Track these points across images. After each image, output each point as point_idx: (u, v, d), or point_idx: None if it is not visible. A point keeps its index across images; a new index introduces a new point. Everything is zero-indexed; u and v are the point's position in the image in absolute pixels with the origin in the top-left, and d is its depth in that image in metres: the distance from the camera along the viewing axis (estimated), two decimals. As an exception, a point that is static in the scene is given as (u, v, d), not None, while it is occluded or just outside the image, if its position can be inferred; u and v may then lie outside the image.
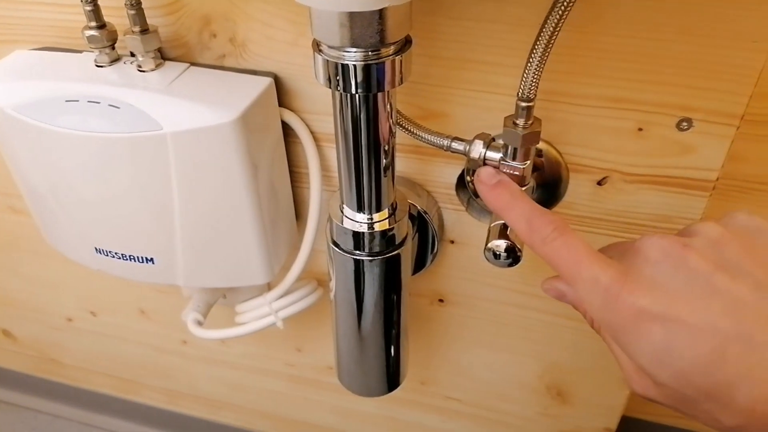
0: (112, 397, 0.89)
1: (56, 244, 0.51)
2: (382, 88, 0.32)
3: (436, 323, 0.58)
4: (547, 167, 0.43)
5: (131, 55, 0.43)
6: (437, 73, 0.41)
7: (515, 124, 0.36)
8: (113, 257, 0.47)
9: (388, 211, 0.39)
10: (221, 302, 0.58)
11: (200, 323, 0.54)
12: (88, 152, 0.41)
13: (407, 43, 0.32)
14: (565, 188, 0.43)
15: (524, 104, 0.35)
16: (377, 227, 0.39)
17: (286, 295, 0.52)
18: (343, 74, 0.31)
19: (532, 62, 0.33)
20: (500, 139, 0.37)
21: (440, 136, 0.39)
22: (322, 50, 0.31)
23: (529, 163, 0.37)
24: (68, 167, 0.43)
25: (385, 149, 0.36)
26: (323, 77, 0.32)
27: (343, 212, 0.39)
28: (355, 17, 0.28)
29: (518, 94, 0.34)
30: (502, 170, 0.38)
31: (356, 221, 0.39)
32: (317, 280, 0.56)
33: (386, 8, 0.28)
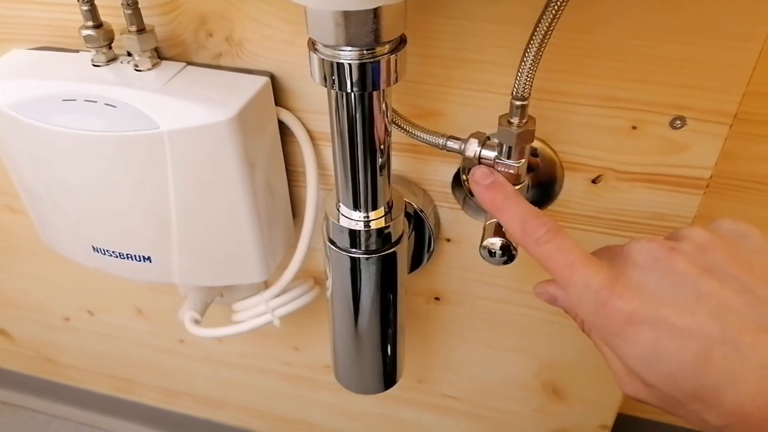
0: (109, 396, 0.89)
1: (53, 243, 0.51)
2: (377, 86, 0.32)
3: (432, 321, 0.58)
4: (541, 166, 0.43)
5: (128, 54, 0.43)
6: (432, 72, 0.41)
7: (510, 122, 0.36)
8: (110, 256, 0.47)
9: (384, 209, 0.39)
10: (218, 301, 0.58)
11: (197, 322, 0.54)
12: (85, 151, 0.41)
13: (402, 42, 0.32)
14: (559, 186, 0.44)
15: (518, 103, 0.35)
16: (373, 225, 0.39)
17: (283, 293, 0.52)
18: (338, 73, 0.31)
19: (526, 61, 0.33)
20: (495, 137, 0.37)
21: (436, 134, 0.39)
22: (317, 49, 0.31)
23: (523, 161, 0.37)
24: (65, 166, 0.43)
25: (380, 148, 0.36)
26: (319, 76, 0.32)
27: (339, 210, 0.39)
28: (350, 16, 0.28)
29: (513, 92, 0.35)
30: (497, 168, 0.38)
31: (352, 219, 0.39)
32: (314, 278, 0.56)
33: (381, 7, 0.28)
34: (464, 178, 0.45)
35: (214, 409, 0.83)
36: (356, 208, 0.39)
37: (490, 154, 0.38)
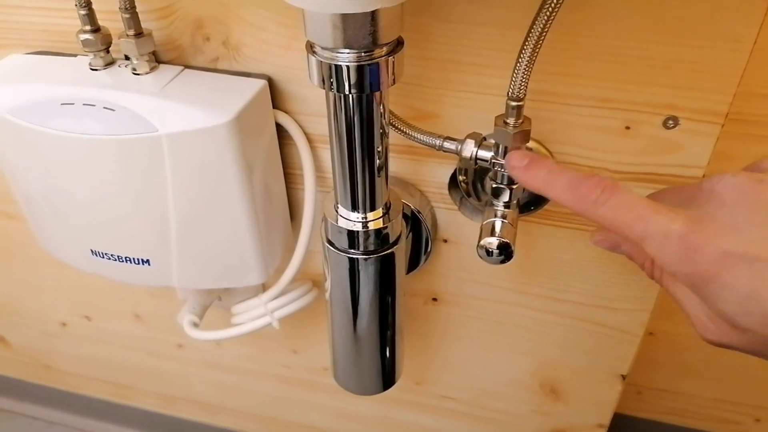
0: (107, 402, 0.89)
1: (51, 247, 0.51)
2: (375, 88, 0.32)
3: (430, 322, 0.58)
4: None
5: (126, 58, 0.43)
6: (429, 74, 0.41)
7: (506, 123, 0.36)
8: (109, 259, 0.48)
9: (382, 210, 0.39)
10: (216, 304, 0.58)
11: (196, 325, 0.55)
12: (83, 154, 0.42)
13: (399, 44, 0.32)
14: (555, 186, 0.44)
15: (514, 104, 0.35)
16: (371, 226, 0.39)
17: (281, 295, 0.53)
18: (336, 75, 0.31)
19: (521, 63, 0.34)
20: (491, 138, 0.38)
21: (432, 135, 0.40)
22: (315, 52, 0.31)
23: (519, 161, 0.38)
24: (64, 170, 0.43)
25: (378, 149, 0.36)
26: (317, 78, 0.32)
27: (337, 211, 0.40)
28: (347, 19, 0.29)
29: (508, 94, 0.35)
30: (493, 169, 0.38)
31: (351, 220, 0.39)
32: (312, 280, 0.56)
33: (378, 10, 0.29)
34: (461, 179, 0.46)
35: (213, 413, 0.83)
36: (354, 209, 0.39)
37: (486, 154, 0.38)
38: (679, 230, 0.27)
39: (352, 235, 0.39)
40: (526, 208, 0.46)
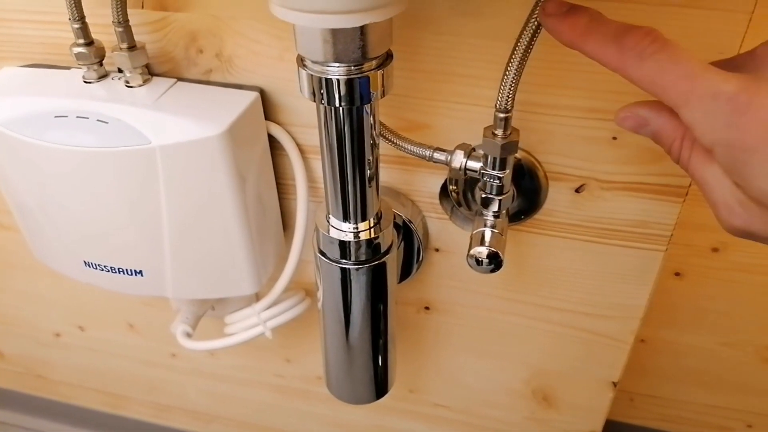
0: (101, 412, 0.89)
1: (45, 258, 0.52)
2: (365, 101, 0.33)
3: (422, 331, 0.59)
4: (526, 176, 0.44)
5: (119, 71, 0.44)
6: (419, 85, 0.42)
7: (494, 134, 0.37)
8: (102, 270, 0.48)
9: (373, 220, 0.40)
10: (210, 314, 0.59)
11: (189, 335, 0.55)
12: (77, 167, 0.42)
13: (388, 57, 0.33)
14: (544, 196, 0.45)
15: (502, 115, 0.36)
16: (363, 236, 0.39)
17: (274, 305, 0.53)
18: (327, 88, 0.32)
19: (508, 74, 0.34)
20: (480, 149, 0.38)
21: (423, 146, 0.40)
22: (306, 65, 0.32)
23: (508, 171, 0.38)
24: (57, 182, 0.43)
25: (369, 160, 0.37)
26: (308, 91, 0.33)
27: (329, 222, 0.40)
28: (337, 34, 0.29)
29: (496, 105, 0.36)
30: (483, 179, 0.39)
31: (342, 231, 0.40)
32: (305, 290, 0.57)
33: (367, 25, 0.29)
34: (451, 188, 0.46)
35: (206, 423, 0.83)
36: (346, 219, 0.39)
37: (475, 165, 0.39)
38: (730, 90, 0.25)
39: (343, 245, 0.40)
40: (516, 217, 0.46)
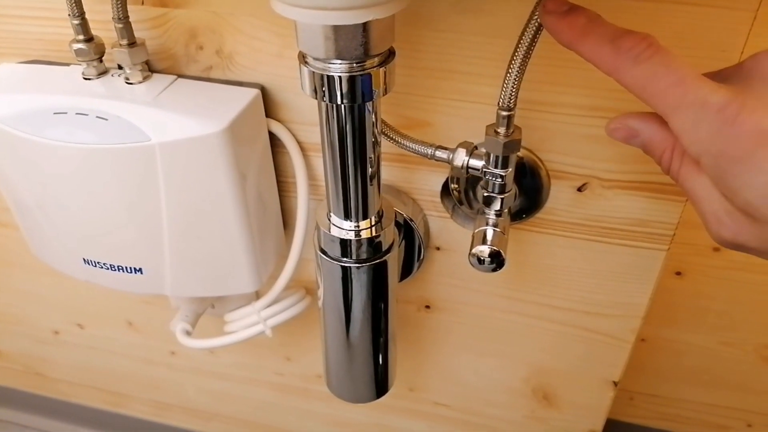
0: (100, 410, 0.88)
1: (44, 256, 0.51)
2: (367, 98, 0.32)
3: (423, 329, 0.58)
4: (528, 174, 0.44)
5: (119, 67, 0.43)
6: (421, 83, 0.42)
7: (497, 132, 0.37)
8: (102, 268, 0.48)
9: (374, 218, 0.40)
10: (210, 312, 0.58)
11: (189, 333, 0.55)
12: (76, 164, 0.42)
13: (391, 54, 0.33)
14: (546, 195, 0.45)
15: (505, 113, 0.36)
16: (364, 234, 0.39)
17: (274, 303, 0.53)
18: (328, 85, 0.32)
19: (511, 72, 0.34)
20: (482, 147, 0.38)
21: (424, 144, 0.40)
22: (308, 62, 0.32)
23: (510, 170, 0.38)
24: (56, 179, 0.43)
25: (370, 158, 0.36)
26: (309, 88, 0.32)
27: (330, 220, 0.40)
28: (339, 30, 0.29)
29: (499, 103, 0.35)
30: (485, 178, 0.39)
31: (343, 229, 0.39)
32: (305, 288, 0.56)
33: (370, 21, 0.29)
34: (453, 187, 0.46)
35: (205, 421, 0.83)
36: (347, 217, 0.39)
37: (477, 163, 0.38)
38: (718, 102, 0.25)
39: (344, 243, 0.39)
40: (517, 215, 0.46)
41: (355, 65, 0.31)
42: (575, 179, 0.43)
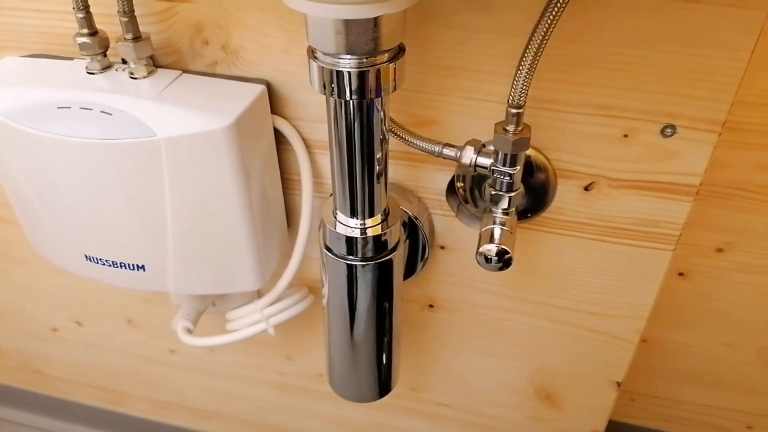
0: (98, 408, 0.88)
1: (45, 252, 0.51)
2: (376, 94, 0.32)
3: (426, 329, 0.58)
4: (534, 173, 0.43)
5: (123, 62, 0.43)
6: (429, 80, 0.41)
7: (506, 130, 0.36)
8: (104, 265, 0.47)
9: (380, 216, 0.39)
10: (211, 310, 0.58)
11: (190, 331, 0.54)
12: (80, 158, 0.41)
13: (401, 50, 0.32)
14: (553, 194, 0.44)
15: (514, 111, 0.35)
16: (370, 232, 0.39)
17: (277, 301, 0.52)
18: (338, 81, 0.31)
19: (521, 70, 0.34)
20: (491, 145, 0.38)
21: (432, 142, 0.40)
22: (317, 57, 0.31)
23: (519, 168, 0.38)
24: (60, 174, 0.43)
25: (378, 155, 0.36)
26: (318, 84, 0.32)
27: (336, 217, 0.39)
28: (350, 25, 0.29)
29: (508, 101, 0.35)
30: (495, 176, 0.38)
31: (349, 226, 0.39)
32: (308, 286, 0.56)
33: (381, 16, 0.29)
34: (459, 185, 0.46)
35: (205, 420, 0.82)
36: (353, 215, 0.39)
37: (485, 161, 0.38)
38: None
39: (350, 241, 0.39)
40: (523, 214, 0.46)
41: (364, 61, 0.31)
42: (583, 178, 0.43)
